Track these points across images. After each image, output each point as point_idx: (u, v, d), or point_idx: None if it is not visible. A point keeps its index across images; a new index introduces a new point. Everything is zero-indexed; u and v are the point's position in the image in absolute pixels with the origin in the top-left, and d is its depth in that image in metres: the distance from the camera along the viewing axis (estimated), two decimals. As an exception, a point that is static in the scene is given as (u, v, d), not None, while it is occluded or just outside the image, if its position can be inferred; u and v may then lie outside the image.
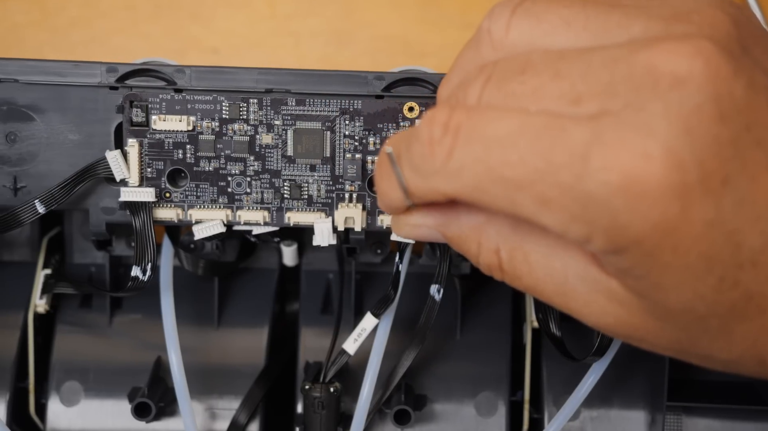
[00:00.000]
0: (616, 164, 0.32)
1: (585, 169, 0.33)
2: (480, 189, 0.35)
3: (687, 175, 0.32)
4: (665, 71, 0.33)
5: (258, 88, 0.47)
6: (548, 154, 0.33)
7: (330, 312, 0.54)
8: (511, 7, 0.37)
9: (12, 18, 0.60)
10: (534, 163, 0.33)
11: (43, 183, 0.48)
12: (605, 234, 0.33)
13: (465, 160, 0.35)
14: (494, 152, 0.34)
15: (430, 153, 0.35)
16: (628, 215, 0.33)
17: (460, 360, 0.53)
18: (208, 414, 0.52)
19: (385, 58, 0.61)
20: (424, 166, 0.36)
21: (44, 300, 0.53)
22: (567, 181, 0.33)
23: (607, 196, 0.32)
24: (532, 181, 0.33)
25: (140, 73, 0.47)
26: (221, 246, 0.54)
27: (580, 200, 0.33)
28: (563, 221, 0.34)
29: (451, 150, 0.35)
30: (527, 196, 0.34)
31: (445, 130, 0.35)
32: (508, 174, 0.34)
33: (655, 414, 0.51)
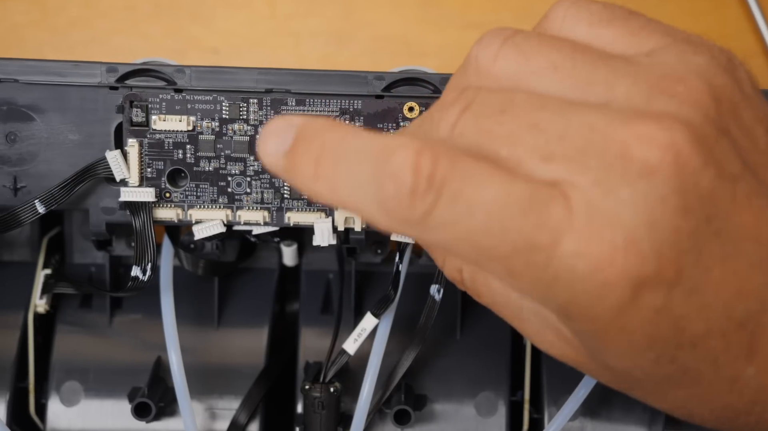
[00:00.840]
0: (585, 252, 0.33)
1: (555, 252, 0.33)
2: (451, 247, 0.34)
3: (645, 267, 0.33)
4: (637, 157, 0.33)
5: (258, 88, 0.47)
6: (527, 232, 0.33)
7: (330, 312, 0.54)
8: (502, 38, 0.37)
9: (12, 18, 0.60)
10: (514, 238, 0.33)
11: (43, 183, 0.48)
12: (559, 306, 0.35)
13: (445, 220, 0.34)
14: (477, 218, 0.33)
15: (408, 203, 0.33)
16: (586, 298, 0.34)
17: (460, 360, 0.53)
18: (208, 414, 0.52)
19: (385, 58, 0.61)
20: (397, 213, 0.34)
21: (44, 300, 0.52)
22: (538, 262, 0.33)
23: (570, 279, 0.33)
24: (507, 255, 0.34)
25: (140, 73, 0.47)
26: (221, 246, 0.54)
27: (545, 280, 0.34)
28: (524, 289, 0.35)
29: (433, 207, 0.33)
30: (498, 265, 0.34)
31: (429, 185, 0.33)
32: (486, 243, 0.34)
33: (656, 414, 0.51)
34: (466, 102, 0.36)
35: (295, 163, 0.36)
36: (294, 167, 0.36)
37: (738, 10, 0.61)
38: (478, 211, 0.33)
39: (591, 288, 0.33)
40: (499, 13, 0.61)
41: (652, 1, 0.61)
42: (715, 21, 0.61)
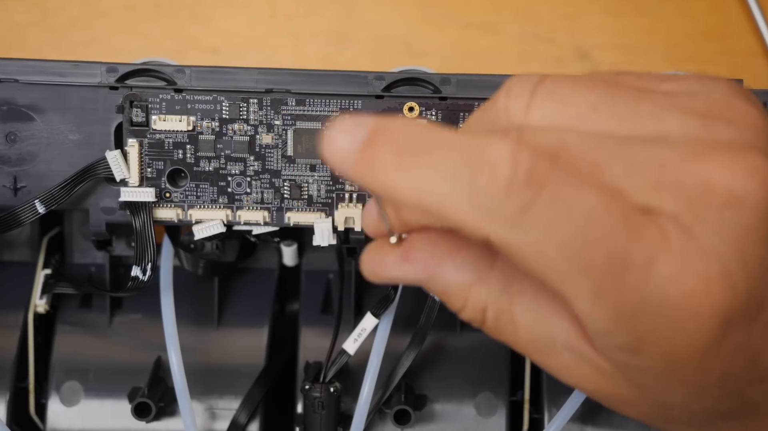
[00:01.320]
0: (680, 279, 0.31)
1: (650, 274, 0.31)
2: (540, 252, 0.32)
3: (738, 300, 0.32)
4: (720, 187, 0.32)
5: (258, 88, 0.47)
6: (628, 247, 0.31)
7: (330, 312, 0.54)
8: (532, 85, 0.34)
9: (12, 18, 0.60)
10: (611, 251, 0.31)
11: (43, 183, 0.48)
12: (637, 338, 0.33)
13: (542, 220, 0.31)
14: (576, 223, 0.31)
15: (506, 195, 0.31)
16: (672, 330, 0.32)
17: (460, 360, 0.52)
18: (208, 414, 0.52)
19: (385, 58, 0.61)
20: (491, 205, 0.31)
21: (44, 300, 0.52)
22: (630, 282, 0.31)
23: (659, 307, 0.32)
24: (600, 269, 0.31)
25: (140, 73, 0.47)
26: (221, 246, 0.54)
27: (631, 304, 0.32)
28: (602, 315, 0.32)
29: (532, 204, 0.31)
30: (587, 281, 0.32)
31: (529, 180, 0.31)
32: (581, 252, 0.31)
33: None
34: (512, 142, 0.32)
35: (372, 155, 0.32)
36: (371, 160, 0.32)
37: (738, 10, 0.61)
38: (578, 216, 0.31)
39: (679, 319, 0.32)
40: (499, 13, 0.61)
41: (653, 1, 0.61)
42: (715, 21, 0.61)
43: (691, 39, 0.61)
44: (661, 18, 0.61)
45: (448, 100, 0.47)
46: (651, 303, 0.32)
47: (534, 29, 0.61)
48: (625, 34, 0.61)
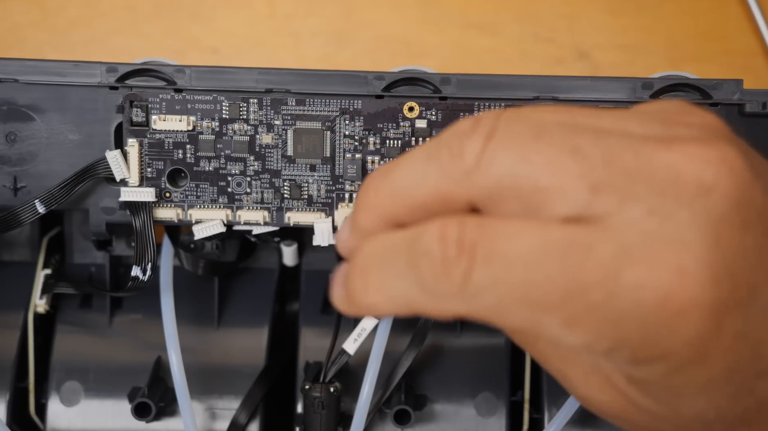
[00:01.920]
0: (650, 282, 0.31)
1: (616, 287, 0.31)
2: (501, 311, 0.32)
3: (721, 289, 0.31)
4: (690, 177, 0.32)
5: (258, 87, 0.47)
6: (577, 272, 0.31)
7: (330, 312, 0.54)
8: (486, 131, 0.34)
9: (12, 18, 0.60)
10: (562, 283, 0.31)
11: (43, 183, 0.48)
12: (632, 350, 0.32)
13: (485, 281, 0.32)
14: (517, 272, 0.32)
15: (444, 274, 0.32)
16: (661, 333, 0.32)
17: (460, 360, 0.53)
18: (208, 414, 0.52)
19: (385, 58, 0.61)
20: (438, 288, 0.33)
21: (44, 300, 0.52)
22: (597, 300, 0.31)
23: (640, 314, 0.31)
24: (560, 303, 0.32)
25: (140, 72, 0.47)
26: (221, 246, 0.54)
27: (611, 319, 0.32)
28: (589, 340, 0.32)
29: (469, 272, 0.32)
30: (554, 317, 0.32)
31: (459, 250, 0.32)
32: (534, 295, 0.32)
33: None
34: (488, 127, 0.33)
35: (348, 291, 0.36)
36: (349, 295, 0.36)
37: (738, 10, 0.61)
38: (516, 264, 0.32)
39: (664, 320, 0.31)
40: (499, 13, 0.61)
41: (653, 1, 0.61)
42: (715, 21, 0.61)
43: (691, 39, 0.61)
44: (661, 18, 0.61)
45: (448, 100, 0.47)
46: (631, 313, 0.31)
47: (534, 29, 0.61)
48: (625, 34, 0.61)
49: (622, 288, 0.31)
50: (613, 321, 0.32)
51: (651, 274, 0.31)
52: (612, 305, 0.31)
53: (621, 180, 0.32)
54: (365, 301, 0.36)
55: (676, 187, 0.32)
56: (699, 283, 0.31)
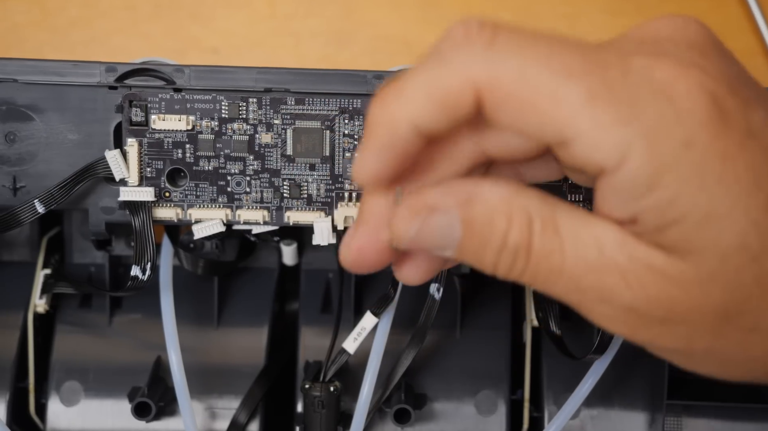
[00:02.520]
0: (658, 65, 0.33)
1: (629, 67, 0.33)
2: (524, 77, 0.33)
3: (718, 83, 0.33)
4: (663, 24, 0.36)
5: (257, 87, 0.47)
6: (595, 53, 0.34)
7: (330, 312, 0.54)
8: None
9: (12, 18, 0.60)
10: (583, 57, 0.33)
11: (42, 183, 0.48)
12: (648, 141, 0.32)
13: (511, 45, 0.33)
14: (542, 43, 0.33)
15: (466, 41, 0.34)
16: (676, 112, 0.33)
17: (460, 359, 0.53)
18: (208, 413, 0.52)
19: (385, 58, 0.61)
20: (458, 53, 0.34)
21: (44, 300, 0.52)
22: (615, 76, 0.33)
23: (653, 91, 0.33)
24: (582, 73, 0.33)
25: (139, 72, 0.47)
26: (221, 246, 0.54)
27: (627, 96, 0.33)
28: (604, 123, 0.33)
29: (494, 37, 0.34)
30: (575, 88, 0.33)
31: (482, 26, 0.34)
32: (557, 63, 0.33)
33: (656, 412, 0.51)
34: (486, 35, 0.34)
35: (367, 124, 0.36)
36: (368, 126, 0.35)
37: (738, 10, 0.61)
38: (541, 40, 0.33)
39: (678, 99, 0.33)
40: (499, 13, 0.61)
41: (653, 1, 0.61)
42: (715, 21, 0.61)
43: (691, 38, 0.61)
44: (661, 18, 0.61)
45: (447, 99, 0.47)
46: (642, 91, 0.33)
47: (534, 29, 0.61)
48: (625, 34, 0.61)
49: (633, 68, 0.33)
50: (630, 98, 0.33)
51: (657, 61, 0.33)
52: (628, 81, 0.33)
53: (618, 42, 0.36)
54: (383, 117, 0.34)
55: (656, 33, 0.36)
56: (698, 72, 0.34)
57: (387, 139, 0.34)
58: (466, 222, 0.35)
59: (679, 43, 0.35)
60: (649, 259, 0.34)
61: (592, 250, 0.34)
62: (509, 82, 0.33)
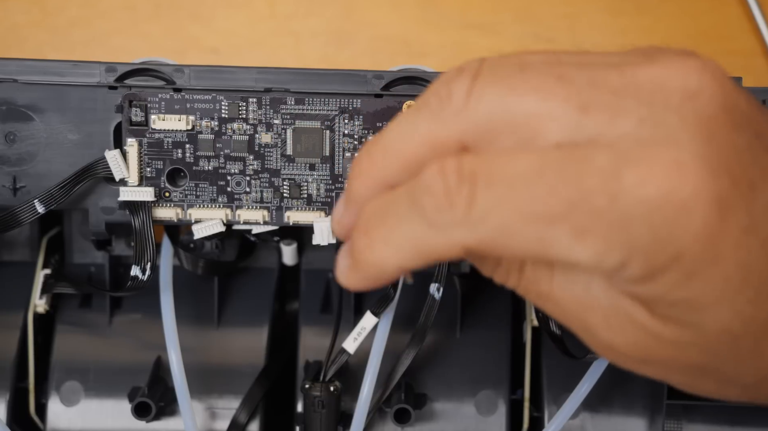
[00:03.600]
0: (651, 178, 0.32)
1: (619, 188, 0.32)
2: (508, 233, 0.33)
3: (720, 180, 0.32)
4: (675, 86, 0.33)
5: (257, 87, 0.47)
6: (577, 180, 0.32)
7: (330, 311, 0.54)
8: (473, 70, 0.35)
9: (12, 18, 0.60)
10: (565, 193, 0.32)
11: (42, 183, 0.48)
12: (644, 256, 0.32)
13: (489, 203, 0.33)
14: (520, 189, 0.32)
15: (448, 204, 0.33)
16: (669, 229, 0.32)
17: (460, 359, 0.53)
18: (208, 413, 0.52)
19: (385, 58, 0.61)
20: (442, 220, 0.33)
21: (44, 300, 0.53)
22: (602, 205, 0.32)
23: (645, 212, 0.32)
24: (565, 213, 0.32)
25: (139, 72, 0.47)
26: (221, 246, 0.54)
27: (618, 222, 0.32)
28: (599, 251, 0.33)
29: (472, 197, 0.33)
30: (561, 230, 0.32)
31: (460, 178, 0.33)
32: (539, 209, 0.32)
33: (655, 412, 0.51)
34: (472, 70, 0.34)
35: (354, 254, 0.36)
36: (355, 258, 0.36)
37: (738, 10, 0.61)
38: (517, 183, 0.32)
39: (670, 215, 0.32)
40: (499, 13, 0.61)
41: (653, 1, 0.61)
42: (715, 21, 0.61)
43: (691, 39, 0.61)
44: (661, 18, 0.61)
45: (447, 99, 0.47)
46: (637, 212, 0.32)
47: (534, 29, 0.61)
48: (625, 34, 0.61)
49: (623, 188, 0.32)
50: (621, 224, 0.32)
51: (651, 171, 0.32)
52: (617, 208, 0.32)
53: (608, 98, 0.33)
54: (371, 258, 0.35)
55: (662, 95, 0.33)
56: (698, 175, 0.32)
57: (376, 277, 0.36)
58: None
59: (687, 120, 0.33)
60: (632, 313, 0.35)
61: (580, 286, 0.36)
62: (496, 239, 0.33)
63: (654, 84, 0.33)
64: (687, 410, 0.52)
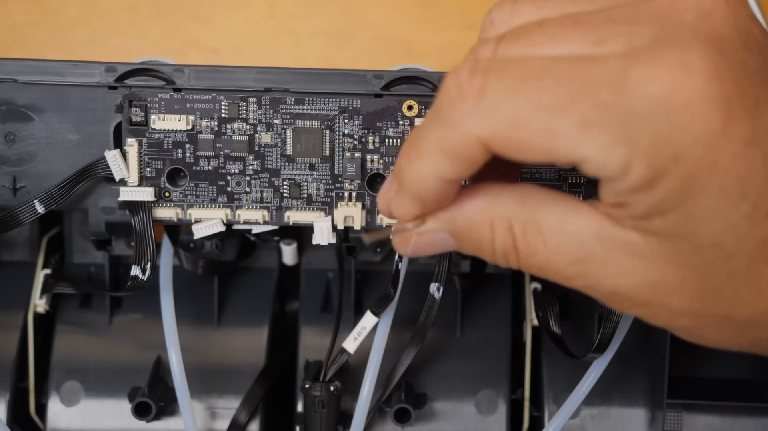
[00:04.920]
0: (657, 76, 0.32)
1: (625, 84, 0.32)
2: (517, 123, 0.34)
3: (726, 86, 0.32)
4: (689, 6, 0.34)
5: (257, 87, 0.47)
6: (586, 74, 0.33)
7: (330, 311, 0.54)
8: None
9: (12, 18, 0.60)
10: (572, 85, 0.33)
11: (42, 183, 0.48)
12: (646, 155, 0.33)
13: (499, 93, 0.34)
14: (529, 81, 0.34)
15: (459, 96, 0.34)
16: (671, 128, 0.32)
17: (460, 359, 0.53)
18: (209, 413, 0.52)
19: (385, 58, 0.61)
20: (455, 112, 0.35)
21: (44, 300, 0.53)
22: (608, 99, 0.33)
23: (649, 109, 0.32)
24: (572, 103, 0.33)
25: (139, 72, 0.47)
26: (221, 246, 0.54)
27: (622, 117, 0.33)
28: (604, 145, 0.33)
29: (483, 87, 0.34)
30: (568, 120, 0.33)
31: (473, 72, 0.34)
32: (547, 99, 0.33)
33: (656, 411, 0.51)
34: (498, 35, 0.36)
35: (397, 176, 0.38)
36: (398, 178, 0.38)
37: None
38: (528, 75, 0.34)
39: (673, 113, 0.32)
40: (499, 13, 0.61)
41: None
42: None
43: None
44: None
45: (447, 99, 0.47)
46: (639, 110, 0.32)
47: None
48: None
49: (629, 84, 0.32)
50: (624, 119, 0.33)
51: (657, 70, 0.32)
52: (622, 103, 0.32)
53: (623, 26, 0.34)
54: (411, 172, 0.37)
55: (677, 14, 0.34)
56: (704, 76, 0.32)
57: (418, 191, 0.37)
58: (456, 234, 0.38)
59: (698, 34, 0.34)
60: (626, 239, 0.35)
61: (573, 244, 0.36)
62: (506, 130, 0.34)
63: (669, 6, 0.34)
64: (687, 408, 0.52)
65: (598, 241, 0.36)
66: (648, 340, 0.52)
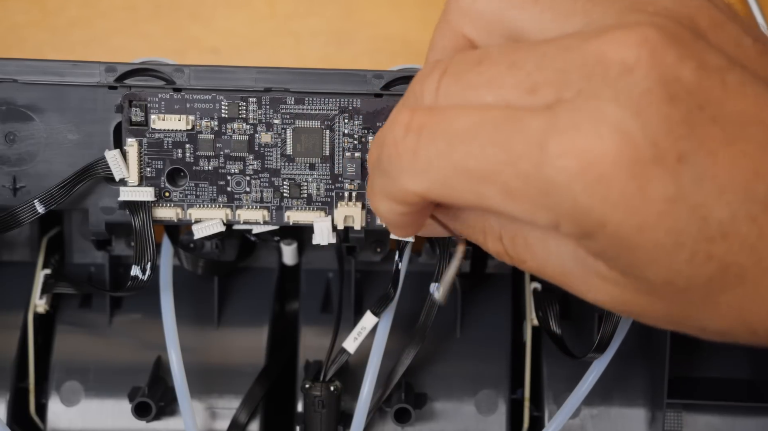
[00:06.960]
0: (572, 149, 0.33)
1: (543, 156, 0.33)
2: (447, 184, 0.35)
3: (639, 152, 0.33)
4: (614, 59, 0.34)
5: (257, 87, 0.47)
6: (507, 144, 0.34)
7: (330, 311, 0.54)
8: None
9: (12, 18, 0.60)
10: (494, 154, 0.34)
11: (42, 183, 0.48)
12: (571, 220, 0.34)
13: (430, 155, 0.35)
14: (457, 146, 0.35)
15: (396, 154, 0.36)
16: (589, 198, 0.33)
17: (460, 359, 0.53)
18: (209, 413, 0.52)
19: (385, 58, 0.61)
20: (392, 167, 0.36)
21: (44, 300, 0.53)
22: (527, 170, 0.34)
23: (566, 181, 0.33)
24: (494, 172, 0.34)
25: (139, 72, 0.47)
26: (221, 246, 0.54)
27: (541, 188, 0.34)
28: (528, 210, 0.34)
29: (416, 148, 0.35)
30: (491, 187, 0.34)
31: (407, 130, 0.36)
32: (471, 166, 0.34)
33: (656, 411, 0.51)
34: (443, 67, 0.37)
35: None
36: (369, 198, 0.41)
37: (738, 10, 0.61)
38: (455, 138, 0.35)
39: (589, 185, 0.33)
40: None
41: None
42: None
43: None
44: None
45: (446, 99, 0.47)
46: (557, 182, 0.33)
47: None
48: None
49: (547, 157, 0.33)
50: (544, 190, 0.34)
51: (573, 142, 0.33)
52: (540, 174, 0.33)
53: (555, 76, 0.34)
54: (375, 208, 0.39)
55: (601, 69, 0.34)
56: (617, 145, 0.33)
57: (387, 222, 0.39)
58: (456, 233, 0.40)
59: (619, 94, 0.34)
60: (596, 267, 0.36)
61: (556, 260, 0.38)
62: (439, 189, 0.36)
63: (596, 58, 0.34)
64: (687, 408, 0.52)
65: (575, 262, 0.37)
66: (648, 340, 0.52)
